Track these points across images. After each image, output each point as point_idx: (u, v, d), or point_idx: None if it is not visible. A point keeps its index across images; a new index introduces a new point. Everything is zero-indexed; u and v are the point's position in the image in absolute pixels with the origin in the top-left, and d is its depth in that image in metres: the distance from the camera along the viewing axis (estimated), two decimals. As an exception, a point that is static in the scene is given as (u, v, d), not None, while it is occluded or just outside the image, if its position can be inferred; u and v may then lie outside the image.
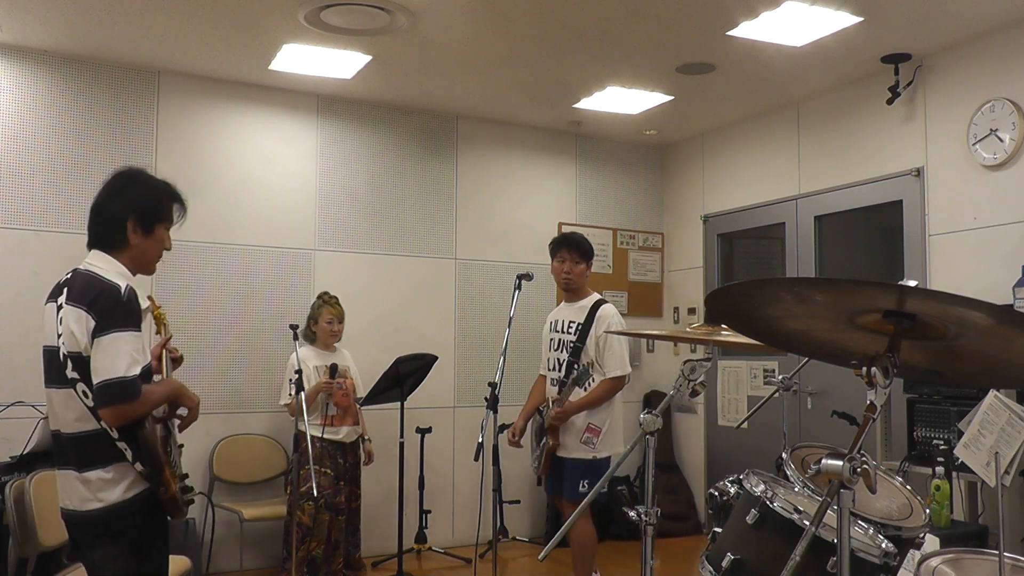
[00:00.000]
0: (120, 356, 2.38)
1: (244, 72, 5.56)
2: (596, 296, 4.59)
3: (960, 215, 4.98)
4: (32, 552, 3.80)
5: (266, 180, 5.85)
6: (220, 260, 5.65)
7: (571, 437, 4.38)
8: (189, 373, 5.49)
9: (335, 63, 5.33)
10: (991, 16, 4.64)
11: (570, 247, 4.52)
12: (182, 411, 2.67)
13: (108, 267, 2.52)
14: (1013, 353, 1.71)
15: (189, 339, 5.51)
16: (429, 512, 5.93)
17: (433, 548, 5.95)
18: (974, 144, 4.87)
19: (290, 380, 4.73)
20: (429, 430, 5.86)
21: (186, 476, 2.63)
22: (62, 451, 2.51)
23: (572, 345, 4.41)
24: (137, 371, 2.40)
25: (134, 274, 2.59)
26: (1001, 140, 4.73)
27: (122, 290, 2.44)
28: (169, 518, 2.58)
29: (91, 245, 2.58)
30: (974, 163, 4.89)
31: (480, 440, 3.73)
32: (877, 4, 4.44)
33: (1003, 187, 4.75)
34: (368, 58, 5.25)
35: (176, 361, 2.87)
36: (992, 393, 2.73)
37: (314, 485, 4.62)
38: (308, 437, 4.26)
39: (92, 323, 2.40)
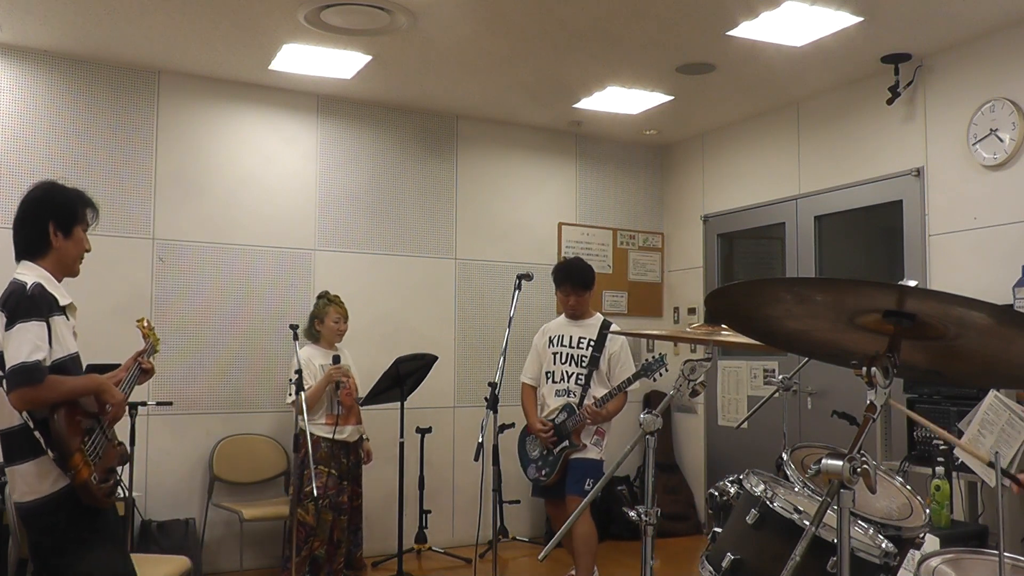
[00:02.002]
0: (23, 344, 2.56)
1: (244, 72, 5.56)
2: (599, 315, 4.89)
3: (960, 215, 4.98)
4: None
5: (266, 180, 5.85)
6: (220, 260, 5.65)
7: (583, 439, 4.61)
8: (190, 373, 5.50)
9: (335, 63, 5.33)
10: (991, 16, 4.64)
11: (573, 283, 4.74)
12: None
13: (30, 273, 2.73)
14: (1013, 353, 1.71)
15: (189, 339, 5.51)
16: (429, 512, 5.93)
17: (433, 548, 5.95)
18: (974, 144, 4.87)
19: (290, 380, 4.73)
20: (429, 430, 5.86)
21: (113, 470, 2.78)
22: (3, 449, 2.72)
23: (590, 357, 4.67)
24: (39, 356, 2.56)
25: (60, 278, 2.81)
26: (1001, 140, 4.73)
27: (28, 286, 2.65)
28: (115, 514, 2.81)
29: (18, 257, 2.81)
30: (974, 163, 4.89)
31: (480, 440, 3.74)
32: (877, 4, 4.44)
33: (1003, 187, 4.75)
34: (368, 58, 5.25)
35: (146, 372, 3.01)
36: (992, 393, 2.73)
37: (314, 486, 4.62)
38: (308, 436, 4.28)
39: (4, 320, 2.62)
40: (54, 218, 2.80)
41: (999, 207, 4.76)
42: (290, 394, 4.84)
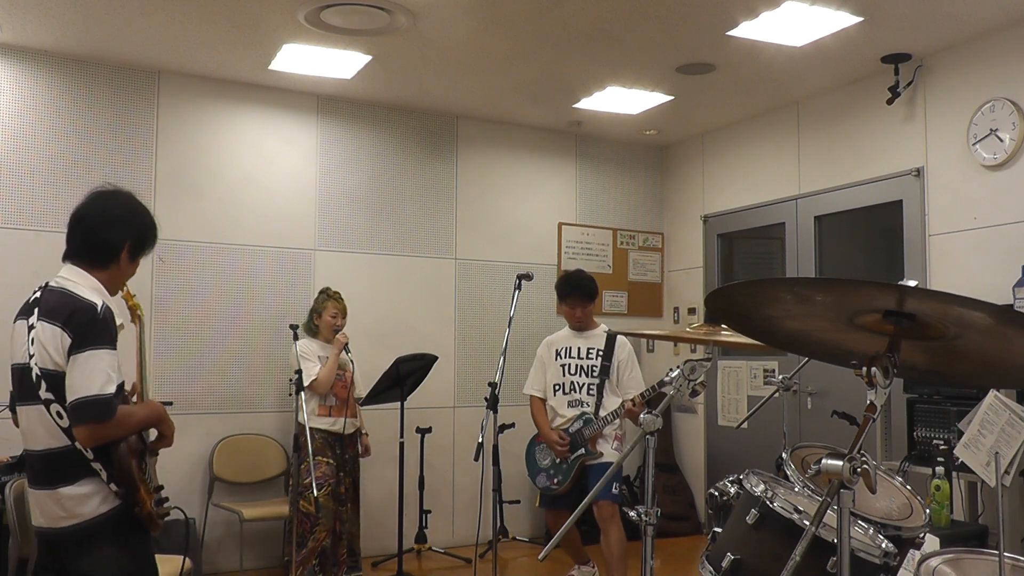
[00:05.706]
0: (95, 373, 2.34)
1: (244, 72, 5.56)
2: (604, 326, 4.88)
3: (960, 215, 4.98)
4: (32, 552, 3.80)
5: (266, 180, 5.85)
6: (220, 260, 5.65)
7: (604, 445, 4.65)
8: (190, 373, 5.50)
9: (335, 63, 5.33)
10: (991, 16, 4.64)
11: (580, 295, 4.75)
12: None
13: (82, 282, 2.48)
14: (1013, 353, 1.71)
15: (189, 339, 5.51)
16: (429, 512, 5.93)
17: (433, 548, 5.95)
18: (974, 144, 4.87)
19: (290, 380, 4.72)
20: (429, 430, 5.85)
21: (161, 487, 2.59)
22: (33, 470, 2.49)
23: (600, 366, 4.70)
24: (112, 389, 2.35)
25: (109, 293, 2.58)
26: (1001, 140, 4.73)
27: (98, 307, 2.41)
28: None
29: (69, 258, 2.54)
30: (974, 163, 4.89)
31: (480, 440, 3.74)
32: (877, 4, 4.44)
33: (1003, 187, 4.75)
34: (368, 58, 5.25)
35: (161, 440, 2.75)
36: (992, 393, 2.73)
37: (313, 480, 4.62)
38: (307, 428, 4.28)
39: (68, 340, 2.36)
40: (132, 240, 2.58)
41: (999, 207, 4.76)
42: (290, 393, 4.82)
